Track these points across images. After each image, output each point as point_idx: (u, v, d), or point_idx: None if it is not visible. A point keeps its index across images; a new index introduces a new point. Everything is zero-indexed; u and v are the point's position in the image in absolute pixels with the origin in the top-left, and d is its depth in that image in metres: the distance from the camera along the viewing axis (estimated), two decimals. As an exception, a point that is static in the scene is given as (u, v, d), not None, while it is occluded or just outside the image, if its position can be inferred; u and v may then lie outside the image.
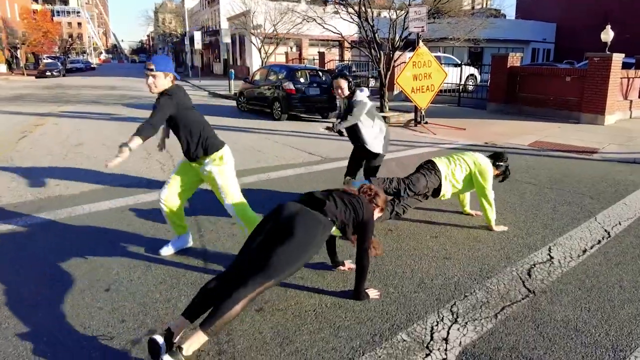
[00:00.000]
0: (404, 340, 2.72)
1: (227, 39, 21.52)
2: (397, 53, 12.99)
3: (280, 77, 12.96)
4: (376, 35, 12.43)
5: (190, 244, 4.03)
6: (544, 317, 2.98)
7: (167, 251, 3.89)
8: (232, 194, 3.69)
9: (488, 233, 4.41)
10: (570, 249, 4.06)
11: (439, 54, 19.75)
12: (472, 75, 19.53)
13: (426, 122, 11.64)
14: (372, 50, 12.52)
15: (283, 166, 7.13)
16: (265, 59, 20.70)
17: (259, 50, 21.22)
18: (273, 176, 6.52)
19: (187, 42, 37.81)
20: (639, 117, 12.85)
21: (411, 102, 11.44)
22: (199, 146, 3.58)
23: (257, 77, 14.41)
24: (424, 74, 10.99)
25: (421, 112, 11.59)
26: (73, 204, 5.16)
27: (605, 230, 4.51)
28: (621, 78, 11.71)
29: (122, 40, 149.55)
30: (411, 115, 12.28)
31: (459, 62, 16.70)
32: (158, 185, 5.75)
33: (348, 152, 5.45)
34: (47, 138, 9.47)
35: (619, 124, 11.65)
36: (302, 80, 12.77)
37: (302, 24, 17.20)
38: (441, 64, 13.35)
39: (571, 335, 2.80)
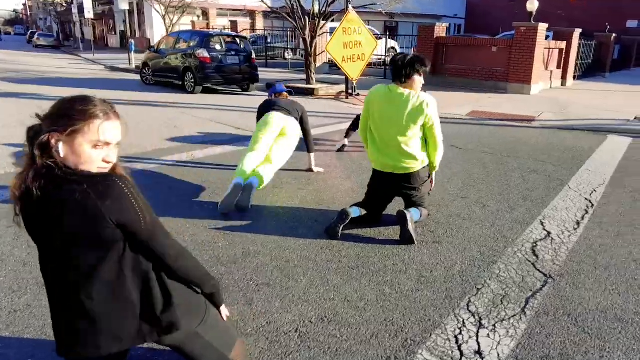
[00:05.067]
0: (429, 361, 2.06)
1: (124, 5, 19.20)
2: (322, 22, 12.25)
3: (192, 45, 11.60)
4: (301, 0, 11.56)
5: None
6: (577, 308, 2.49)
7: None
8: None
9: (470, 209, 3.91)
10: (562, 221, 3.68)
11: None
12: (392, 48, 19.42)
13: (357, 94, 11.12)
14: (296, 18, 11.64)
15: (208, 144, 6.13)
16: (170, 29, 18.86)
17: (163, 18, 19.27)
18: (199, 155, 5.53)
19: (75, 10, 33.80)
20: (557, 87, 13.46)
21: (336, 74, 10.80)
22: None
23: (163, 46, 12.84)
24: (354, 42, 10.38)
25: (352, 83, 11.04)
26: None
27: (586, 199, 4.22)
28: (544, 48, 12.08)
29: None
30: (341, 87, 11.68)
31: (381, 35, 16.38)
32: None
33: None
34: None
35: (543, 93, 12.04)
36: (217, 47, 11.55)
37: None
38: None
39: (617, 327, 2.33)
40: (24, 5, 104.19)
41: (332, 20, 12.98)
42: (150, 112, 8.46)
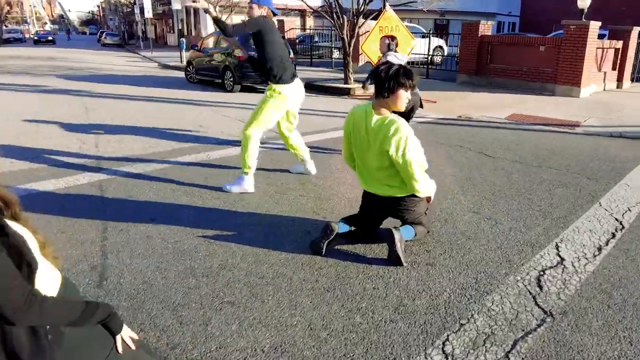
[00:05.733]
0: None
1: (177, 5, 19.70)
2: (361, 20, 11.88)
3: (233, 44, 11.61)
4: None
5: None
6: (574, 357, 2.10)
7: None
8: (251, 122, 4.14)
9: (478, 226, 3.51)
10: (581, 245, 3.21)
11: (405, 23, 18.77)
12: (439, 46, 18.66)
13: (393, 95, 10.67)
14: (335, 16, 11.36)
15: (227, 144, 6.00)
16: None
17: (190, 14, 19.47)
18: (214, 156, 5.41)
19: (137, 11, 35.17)
20: (612, 89, 12.36)
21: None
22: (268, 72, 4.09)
23: (207, 45, 12.97)
24: (391, 41, 9.97)
25: (388, 84, 10.62)
26: None
27: (617, 219, 3.69)
28: (596, 48, 11.09)
29: (70, 10, 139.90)
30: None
31: (427, 32, 15.73)
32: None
33: (304, 128, 4.45)
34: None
35: (595, 96, 11.06)
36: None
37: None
38: (408, 31, 12.42)
39: (618, 387, 1.93)
40: (98, 6, 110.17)
41: (372, 19, 12.57)
42: (184, 111, 8.50)
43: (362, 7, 11.26)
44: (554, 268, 2.89)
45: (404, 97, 2.83)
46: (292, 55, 12.07)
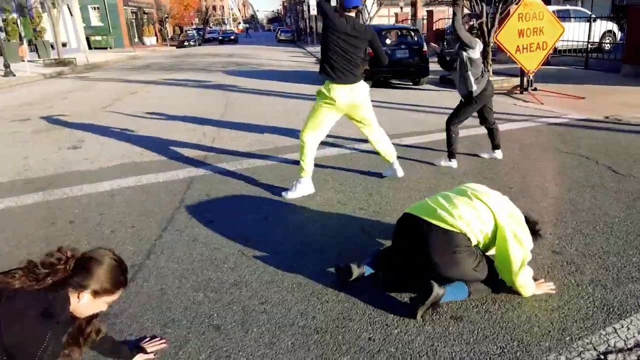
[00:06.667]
0: None
1: (332, 2, 20.14)
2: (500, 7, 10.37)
3: (365, 39, 11.31)
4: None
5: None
6: None
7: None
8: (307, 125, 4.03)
9: (550, 271, 2.69)
10: (691, 324, 2.21)
11: (567, 7, 15.94)
12: (609, 31, 15.38)
13: (535, 89, 9.16)
14: (472, 4, 10.15)
15: (329, 146, 5.81)
16: (368, 22, 18.86)
17: (360, 12, 19.35)
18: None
19: (305, 8, 37.12)
20: None
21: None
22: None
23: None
24: (532, 29, 8.51)
25: (528, 77, 9.13)
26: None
27: None
28: None
29: (258, 10, 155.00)
30: (518, 81, 9.81)
31: (590, 15, 13.05)
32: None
33: (408, 128, 4.05)
34: (129, 105, 9.36)
35: None
36: (388, 42, 10.97)
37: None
38: (561, 17, 10.54)
39: None
40: (282, 5, 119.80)
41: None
42: (298, 107, 8.48)
43: (505, -8, 9.81)
44: (624, 353, 2.04)
45: None
46: (425, 48, 11.31)
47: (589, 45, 12.35)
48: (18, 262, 1.59)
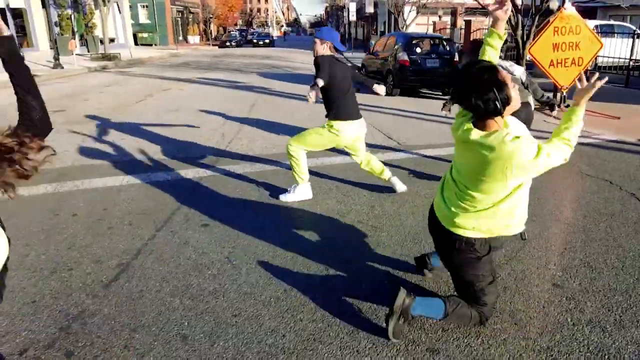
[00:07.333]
0: None
1: (369, 9, 19.87)
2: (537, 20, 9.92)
3: (396, 47, 11.11)
4: (517, -6, 9.60)
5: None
6: None
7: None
8: (297, 139, 3.96)
9: (545, 307, 2.47)
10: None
11: (611, 21, 15.09)
12: (658, 48, 14.45)
13: (567, 106, 8.67)
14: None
15: (334, 151, 5.69)
16: (404, 29, 18.57)
17: (396, 19, 19.07)
18: (314, 162, 5.16)
19: (345, 14, 37.07)
20: None
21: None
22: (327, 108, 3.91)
23: (378, 48, 12.72)
24: (568, 44, 8.07)
25: (562, 93, 8.68)
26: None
27: None
28: None
29: (301, 14, 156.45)
30: (550, 96, 9.33)
31: (635, 31, 12.30)
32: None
33: (433, 139, 3.93)
34: (158, 102, 9.54)
35: None
36: (418, 50, 10.73)
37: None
38: (604, 32, 10.00)
39: None
40: (324, 10, 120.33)
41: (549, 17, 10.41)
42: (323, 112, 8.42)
43: (543, 5, 9.38)
44: (612, 409, 1.81)
45: None
46: (456, 58, 10.98)
47: (632, 63, 11.65)
48: (13, 252, 1.49)
